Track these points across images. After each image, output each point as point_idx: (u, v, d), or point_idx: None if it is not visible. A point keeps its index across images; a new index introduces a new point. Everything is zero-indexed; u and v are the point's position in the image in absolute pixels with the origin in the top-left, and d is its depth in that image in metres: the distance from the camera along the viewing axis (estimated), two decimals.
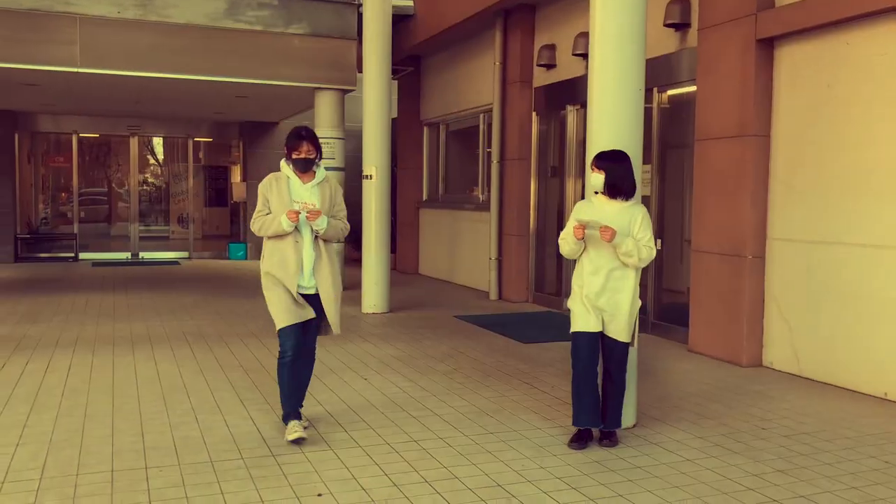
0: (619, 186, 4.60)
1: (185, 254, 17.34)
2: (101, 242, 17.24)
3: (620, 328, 4.64)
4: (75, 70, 10.00)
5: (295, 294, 4.62)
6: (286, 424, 4.69)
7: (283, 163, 4.79)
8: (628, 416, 5.03)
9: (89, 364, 6.61)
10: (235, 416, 5.16)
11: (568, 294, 9.51)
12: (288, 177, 4.74)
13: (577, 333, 4.65)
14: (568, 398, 5.66)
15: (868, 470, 4.32)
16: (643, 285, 8.34)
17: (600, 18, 4.97)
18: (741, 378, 6.38)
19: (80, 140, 17.03)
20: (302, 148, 4.63)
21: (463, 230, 12.32)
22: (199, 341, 7.64)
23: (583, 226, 4.51)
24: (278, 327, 4.67)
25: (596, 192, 4.70)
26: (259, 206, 4.73)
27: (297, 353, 4.69)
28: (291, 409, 4.74)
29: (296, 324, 4.67)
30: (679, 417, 5.26)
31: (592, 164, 4.67)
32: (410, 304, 10.21)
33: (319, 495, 3.85)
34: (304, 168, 4.70)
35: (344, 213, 4.90)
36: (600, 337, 4.65)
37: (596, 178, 4.62)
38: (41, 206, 17.15)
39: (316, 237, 4.70)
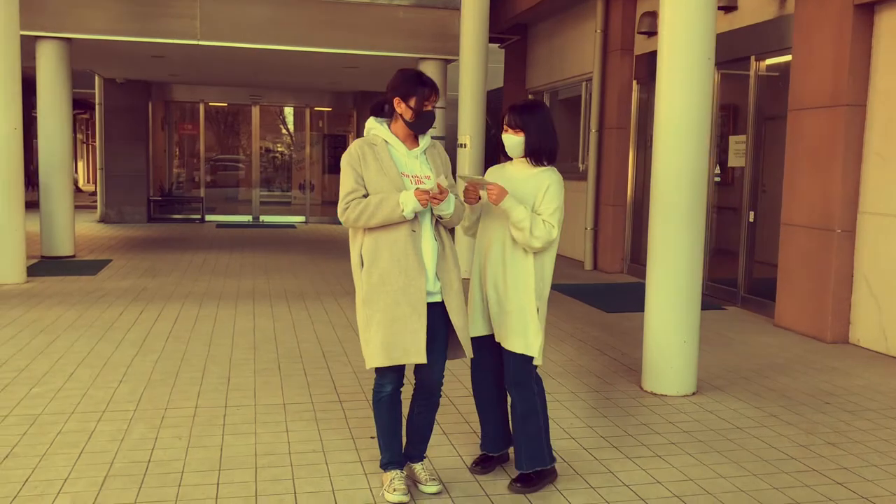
0: (543, 149, 3.58)
1: (301, 218, 18.19)
2: (226, 206, 18.35)
3: (508, 331, 3.53)
4: (195, 43, 10.70)
5: (423, 299, 3.30)
6: (385, 472, 3.52)
7: (374, 122, 3.42)
8: (688, 383, 5.09)
9: (195, 315, 7.21)
10: (314, 366, 5.57)
11: None
12: (386, 141, 3.39)
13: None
14: (634, 364, 5.77)
15: None
16: (733, 256, 8.27)
17: None
18: (821, 354, 6.25)
19: (208, 109, 18.11)
20: (432, 96, 3.33)
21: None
22: (297, 298, 8.15)
23: (475, 186, 3.52)
24: (372, 365, 3.34)
25: (511, 159, 3.68)
26: (350, 186, 3.32)
27: (399, 384, 3.47)
28: (392, 456, 3.50)
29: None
30: (743, 388, 5.27)
31: (507, 123, 3.60)
32: None
33: (372, 437, 4.17)
34: (432, 123, 3.39)
35: (456, 188, 3.49)
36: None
37: (512, 141, 3.58)
38: (173, 171, 18.40)
39: (436, 223, 3.43)
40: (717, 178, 8.71)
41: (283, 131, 19.93)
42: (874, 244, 6.41)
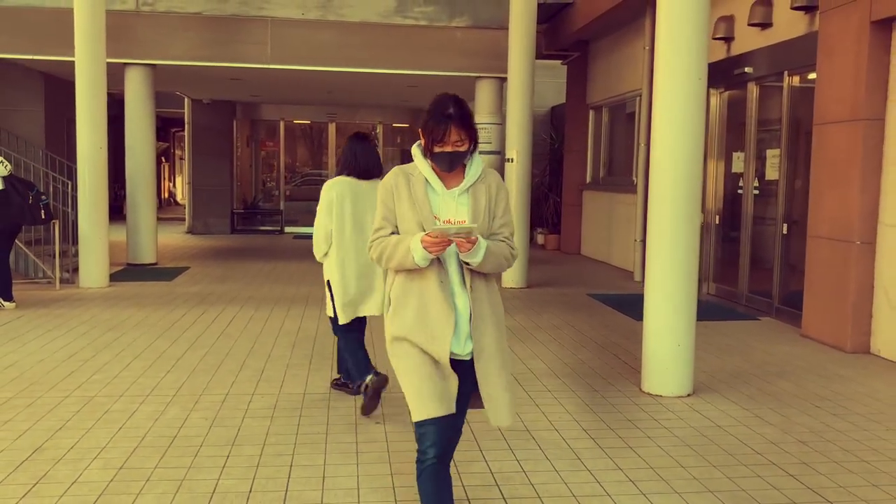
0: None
1: None
2: (305, 217, 19.26)
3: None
4: (266, 66, 11.52)
5: (446, 364, 2.88)
6: None
7: (416, 150, 3.00)
8: (683, 385, 5.37)
9: (249, 317, 7.88)
10: None
11: (708, 278, 9.63)
12: (426, 178, 2.95)
13: None
14: (639, 367, 6.07)
15: (893, 449, 4.41)
16: (768, 264, 8.42)
17: (664, 8, 5.30)
18: (837, 363, 6.38)
19: (288, 126, 19.12)
20: (448, 137, 2.84)
21: (618, 212, 12.60)
22: None
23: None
24: (416, 419, 2.88)
25: None
26: (378, 223, 3.00)
27: (447, 451, 2.95)
28: None
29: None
30: (739, 391, 5.50)
31: None
32: (552, 282, 10.76)
33: (378, 423, 4.65)
34: (451, 166, 2.90)
35: (510, 228, 3.03)
36: None
37: None
38: (257, 186, 19.47)
39: (472, 271, 2.92)
40: (756, 191, 8.85)
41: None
42: (893, 256, 6.50)
